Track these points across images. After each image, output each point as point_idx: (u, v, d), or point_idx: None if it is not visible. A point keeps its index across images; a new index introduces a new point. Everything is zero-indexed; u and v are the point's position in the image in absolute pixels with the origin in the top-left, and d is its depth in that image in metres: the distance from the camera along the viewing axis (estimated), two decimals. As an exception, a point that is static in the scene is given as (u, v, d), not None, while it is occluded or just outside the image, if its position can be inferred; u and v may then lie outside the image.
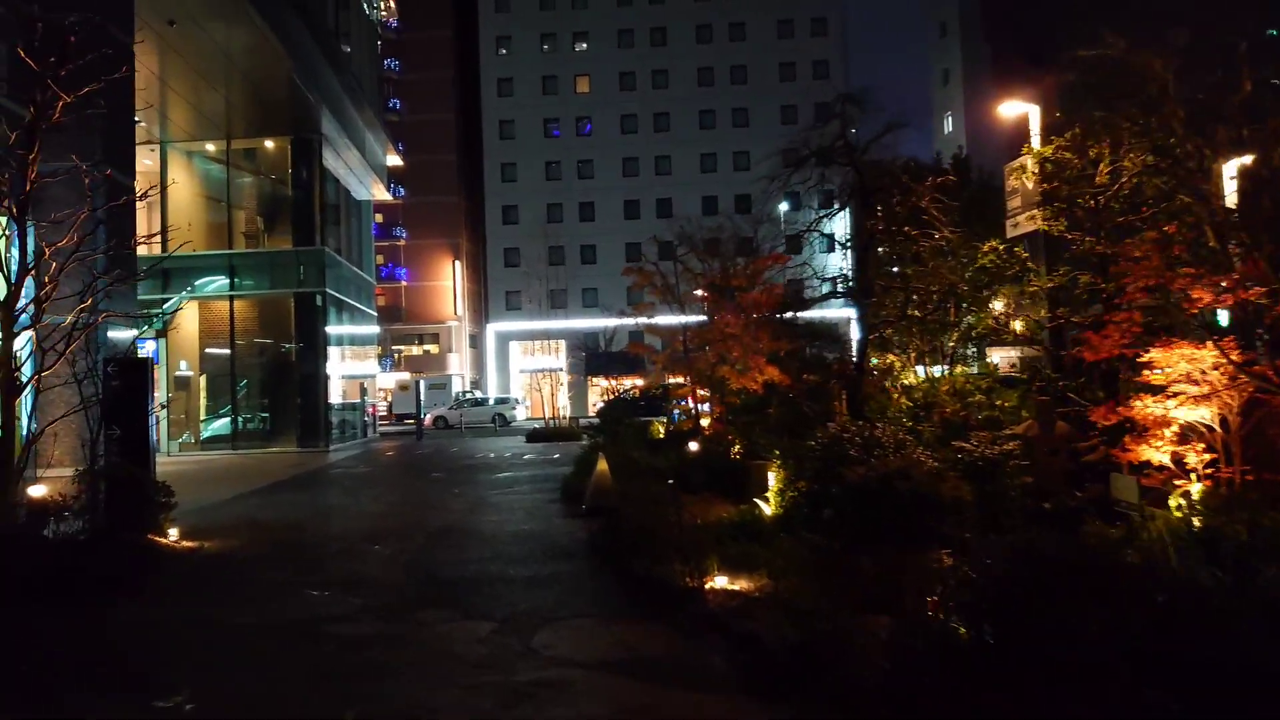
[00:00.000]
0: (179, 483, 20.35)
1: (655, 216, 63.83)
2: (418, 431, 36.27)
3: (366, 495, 15.35)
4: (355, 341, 33.62)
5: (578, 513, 12.08)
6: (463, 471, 19.44)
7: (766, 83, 64.57)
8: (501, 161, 65.64)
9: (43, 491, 8.35)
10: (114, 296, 13.77)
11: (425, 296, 65.74)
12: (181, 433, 28.61)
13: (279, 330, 29.41)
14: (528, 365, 65.10)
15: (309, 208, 28.57)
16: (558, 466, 19.73)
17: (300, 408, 28.06)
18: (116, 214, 13.97)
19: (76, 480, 9.06)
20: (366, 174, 34.14)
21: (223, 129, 27.74)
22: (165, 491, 10.08)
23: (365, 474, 19.97)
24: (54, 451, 13.74)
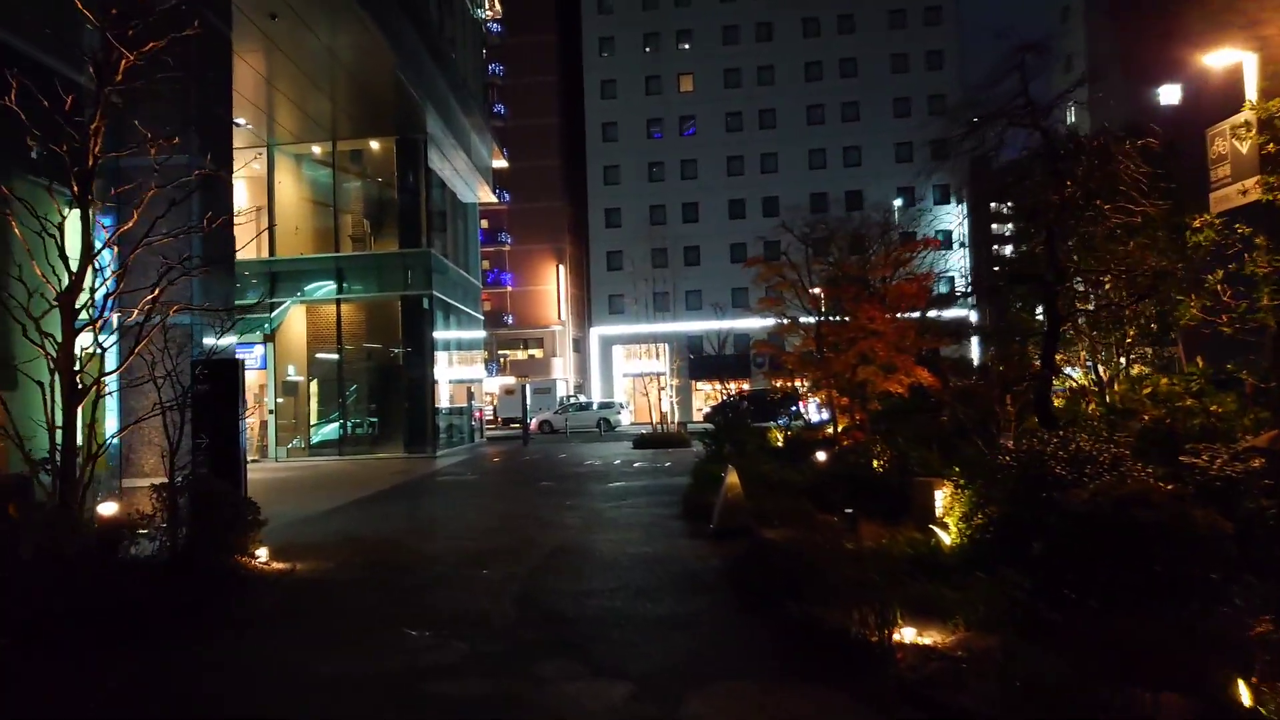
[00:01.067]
0: (282, 491, 20.00)
1: (761, 216, 62.21)
2: (524, 436, 35.51)
3: (473, 507, 14.33)
4: (462, 345, 33.04)
5: (704, 532, 10.75)
6: (572, 480, 18.33)
7: (877, 75, 62.32)
8: (604, 164, 64.99)
9: (114, 509, 7.45)
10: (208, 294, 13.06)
11: (529, 301, 65.49)
12: (290, 438, 28.38)
13: (386, 334, 28.96)
14: (631, 369, 64.24)
15: (415, 210, 28.02)
16: (671, 476, 18.46)
17: (407, 413, 27.50)
18: (211, 205, 13.27)
19: (153, 495, 8.15)
20: (472, 176, 33.55)
21: (328, 130, 27.39)
22: (253, 508, 9.12)
23: (472, 482, 19.05)
24: (147, 460, 13.11)
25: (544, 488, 17.05)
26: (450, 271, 30.72)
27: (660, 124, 64.17)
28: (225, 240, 13.81)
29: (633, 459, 23.83)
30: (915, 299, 12.24)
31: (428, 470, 22.42)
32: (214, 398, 9.76)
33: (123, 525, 7.44)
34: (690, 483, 15.35)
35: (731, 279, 61.40)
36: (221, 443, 9.82)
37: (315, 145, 28.45)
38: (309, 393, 29.27)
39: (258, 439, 28.30)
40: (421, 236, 27.86)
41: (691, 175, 63.34)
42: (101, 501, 7.85)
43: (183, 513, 8.15)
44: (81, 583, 6.37)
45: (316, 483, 20.01)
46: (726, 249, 62.08)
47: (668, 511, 12.95)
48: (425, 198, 28.08)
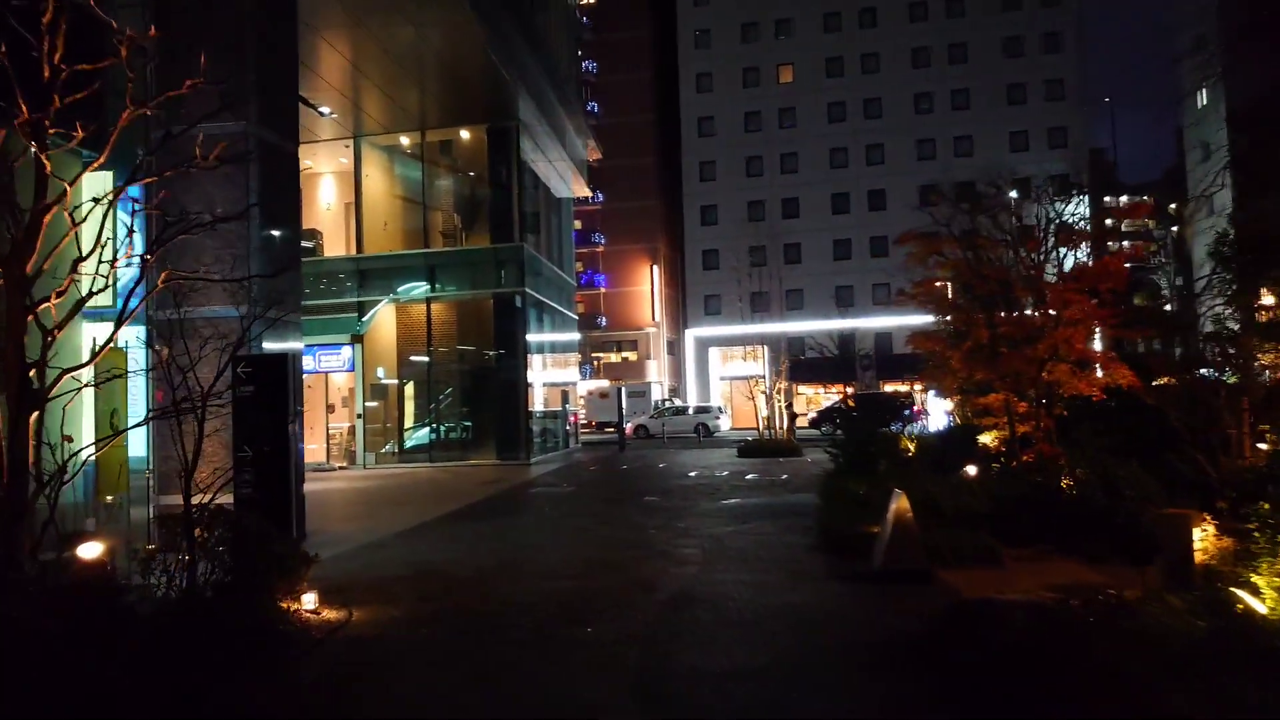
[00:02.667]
0: (361, 504, 18.26)
1: (866, 210, 59.37)
2: (620, 442, 33.65)
3: (570, 528, 12.40)
4: (556, 346, 31.35)
5: (859, 572, 8.57)
6: (679, 495, 16.29)
7: (989, 60, 58.82)
8: (700, 160, 62.95)
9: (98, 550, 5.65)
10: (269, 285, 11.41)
11: (623, 302, 63.81)
12: (380, 443, 27.03)
13: (478, 335, 27.43)
14: (728, 372, 62.00)
15: (507, 203, 26.39)
16: (792, 492, 16.26)
17: (500, 417, 25.89)
18: (273, 183, 11.63)
19: (158, 531, 6.39)
20: (566, 168, 31.83)
21: (416, 119, 25.96)
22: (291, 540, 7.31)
23: (568, 496, 17.17)
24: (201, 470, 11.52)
25: (649, 504, 15.04)
26: (544, 268, 29.03)
27: (759, 116, 61.78)
28: (289, 224, 12.17)
29: (741, 469, 21.67)
30: (1116, 279, 9.81)
31: (520, 480, 20.66)
32: (257, 401, 8.00)
33: (103, 574, 5.60)
34: (820, 503, 13.18)
35: (835, 277, 58.67)
36: (267, 454, 8.04)
37: (404, 136, 27.09)
38: (399, 396, 27.92)
39: (346, 444, 27.06)
40: (514, 231, 26.21)
41: (791, 169, 60.78)
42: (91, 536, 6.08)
43: (209, 548, 6.34)
44: (28, 650, 4.55)
45: (400, 494, 18.40)
46: (829, 245, 59.38)
47: (802, 540, 10.79)
48: (518, 190, 26.44)
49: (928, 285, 12.08)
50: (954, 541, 8.91)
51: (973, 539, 9.04)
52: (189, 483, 6.49)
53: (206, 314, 11.02)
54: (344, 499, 18.22)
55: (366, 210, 27.19)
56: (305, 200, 29.12)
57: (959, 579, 8.23)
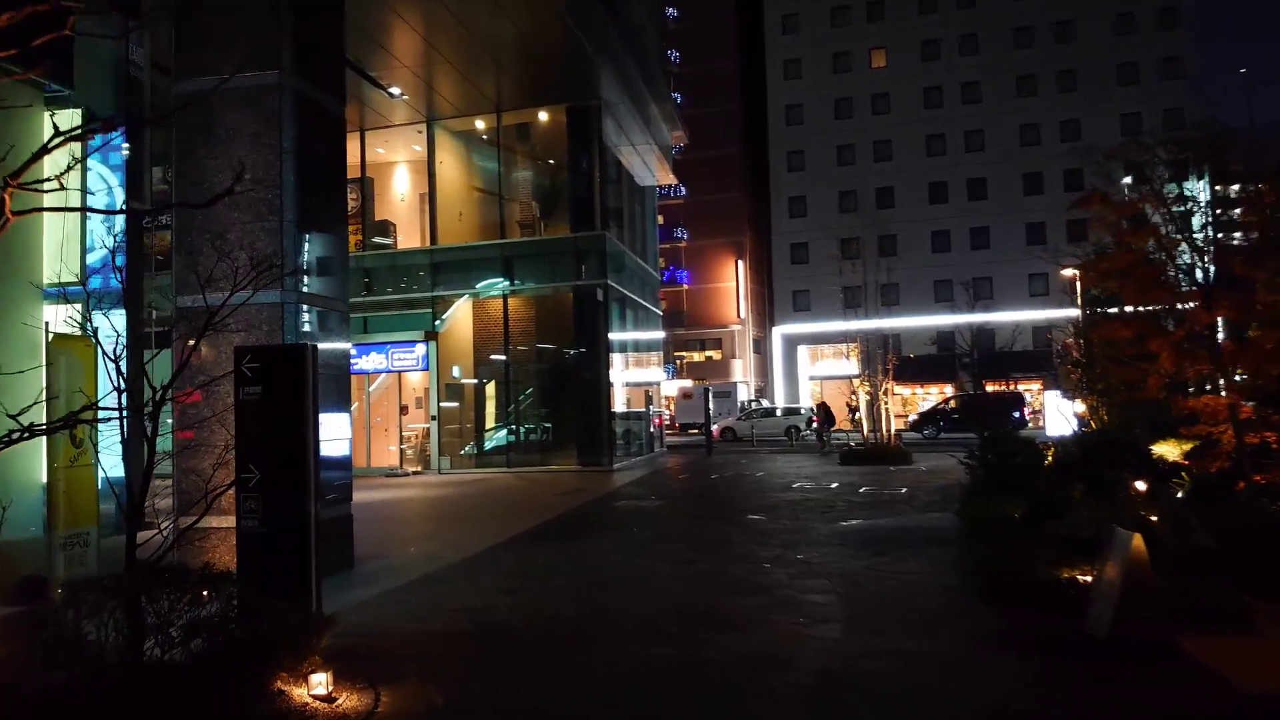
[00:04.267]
0: (426, 518, 15.56)
1: (966, 200, 56.09)
2: (707, 445, 31.51)
3: (664, 559, 10.32)
4: (639, 344, 29.34)
5: (1069, 639, 6.32)
6: (788, 513, 14.10)
7: (1098, 38, 54.97)
8: (788, 150, 60.38)
9: None
10: (312, 269, 9.59)
11: (707, 299, 61.57)
12: (456, 446, 25.39)
13: (557, 330, 25.60)
14: (817, 371, 59.35)
15: (588, 190, 24.48)
16: (921, 510, 13.94)
17: (580, 418, 23.99)
18: (313, 146, 9.79)
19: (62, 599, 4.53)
20: (650, 153, 29.81)
21: (492, 100, 24.20)
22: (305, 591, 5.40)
23: (657, 512, 15.10)
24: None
25: (754, 525, 12.89)
26: (627, 259, 27.05)
27: (850, 103, 58.94)
28: (331, 195, 10.35)
29: (851, 480, 19.33)
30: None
31: (603, 490, 18.69)
32: (266, 405, 6.11)
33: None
34: (965, 527, 10.90)
35: (933, 270, 55.51)
36: (277, 474, 6.14)
37: (478, 119, 25.37)
38: (475, 397, 26.26)
39: (421, 448, 25.49)
40: (595, 219, 24.28)
41: (885, 157, 57.80)
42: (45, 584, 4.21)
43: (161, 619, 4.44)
44: None
45: (473, 506, 16.59)
46: (926, 237, 56.25)
47: (960, 583, 8.54)
48: (599, 176, 24.50)
49: (1119, 259, 9.63)
50: (1186, 594, 6.60)
51: (1211, 590, 6.71)
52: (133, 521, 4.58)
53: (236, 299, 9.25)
54: (411, 512, 16.48)
55: (441, 200, 25.57)
56: (379, 191, 27.72)
57: (1209, 651, 5.95)
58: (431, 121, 25.31)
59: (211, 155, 9.39)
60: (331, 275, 10.15)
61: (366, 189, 26.59)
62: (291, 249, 9.28)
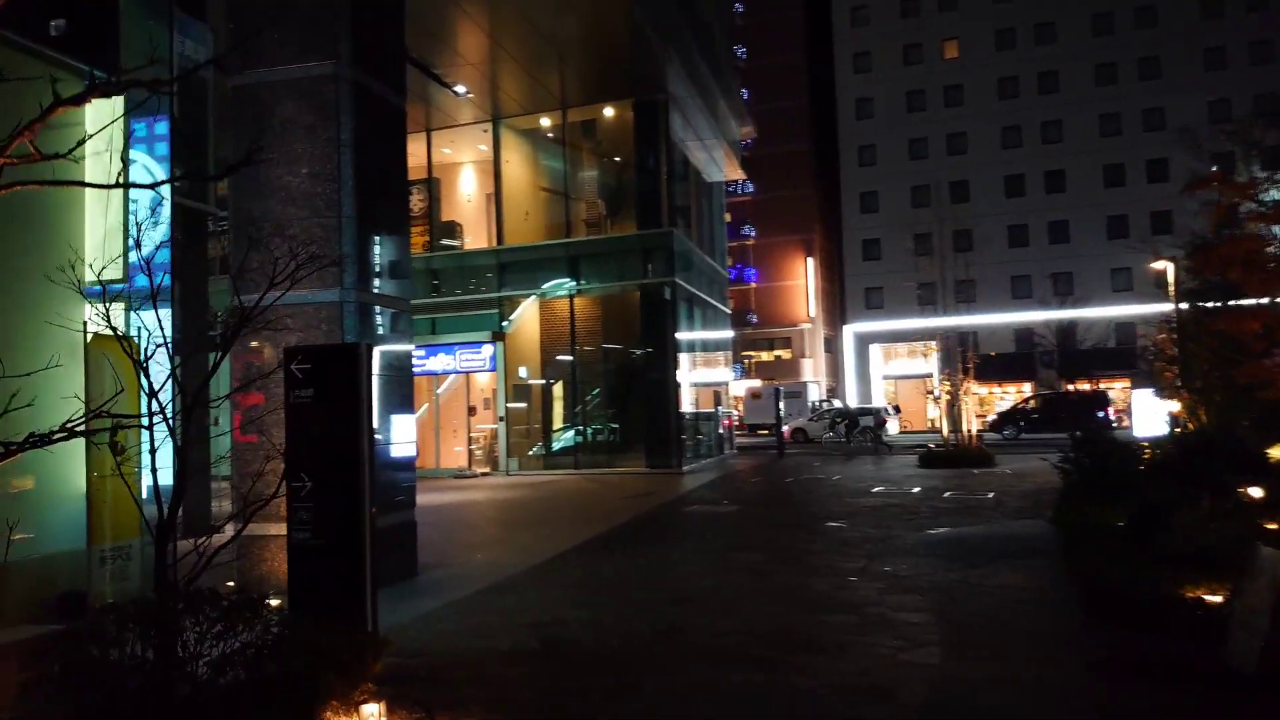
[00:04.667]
0: (493, 522, 14.95)
1: (1044, 193, 54.28)
2: (779, 447, 30.76)
3: (742, 570, 9.73)
4: (708, 343, 28.73)
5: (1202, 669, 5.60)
6: (870, 520, 13.41)
7: (1183, 22, 52.72)
8: (858, 144, 59.16)
9: None
10: (371, 266, 9.25)
11: (776, 298, 60.65)
12: (524, 447, 25.10)
13: (624, 330, 25.15)
14: (891, 370, 58.02)
15: (655, 186, 23.98)
16: (1012, 517, 13.12)
17: (648, 420, 23.49)
18: (372, 139, 9.43)
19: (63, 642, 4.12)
20: (718, 147, 29.19)
21: (557, 97, 23.84)
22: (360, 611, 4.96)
23: (731, 517, 14.51)
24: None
25: (836, 533, 12.23)
26: (694, 256, 26.48)
27: (922, 95, 57.48)
28: (392, 189, 9.98)
29: (933, 484, 18.50)
30: None
31: (673, 493, 18.16)
32: (318, 408, 5.71)
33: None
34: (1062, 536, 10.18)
35: (1010, 265, 53.88)
36: (329, 481, 5.74)
37: (544, 117, 25.05)
38: (542, 397, 25.95)
39: (489, 449, 25.26)
40: (663, 215, 23.76)
41: (959, 150, 56.24)
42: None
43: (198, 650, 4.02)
44: None
45: (541, 509, 16.20)
46: (1003, 232, 54.60)
47: (1065, 598, 7.81)
48: (667, 172, 23.98)
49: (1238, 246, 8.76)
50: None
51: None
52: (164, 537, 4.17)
53: (295, 299, 8.93)
54: (478, 515, 16.14)
55: (507, 200, 25.32)
56: (445, 192, 27.60)
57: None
58: (497, 120, 25.06)
59: (268, 151, 9.07)
60: (393, 273, 9.78)
61: (433, 189, 26.46)
62: (350, 246, 8.92)
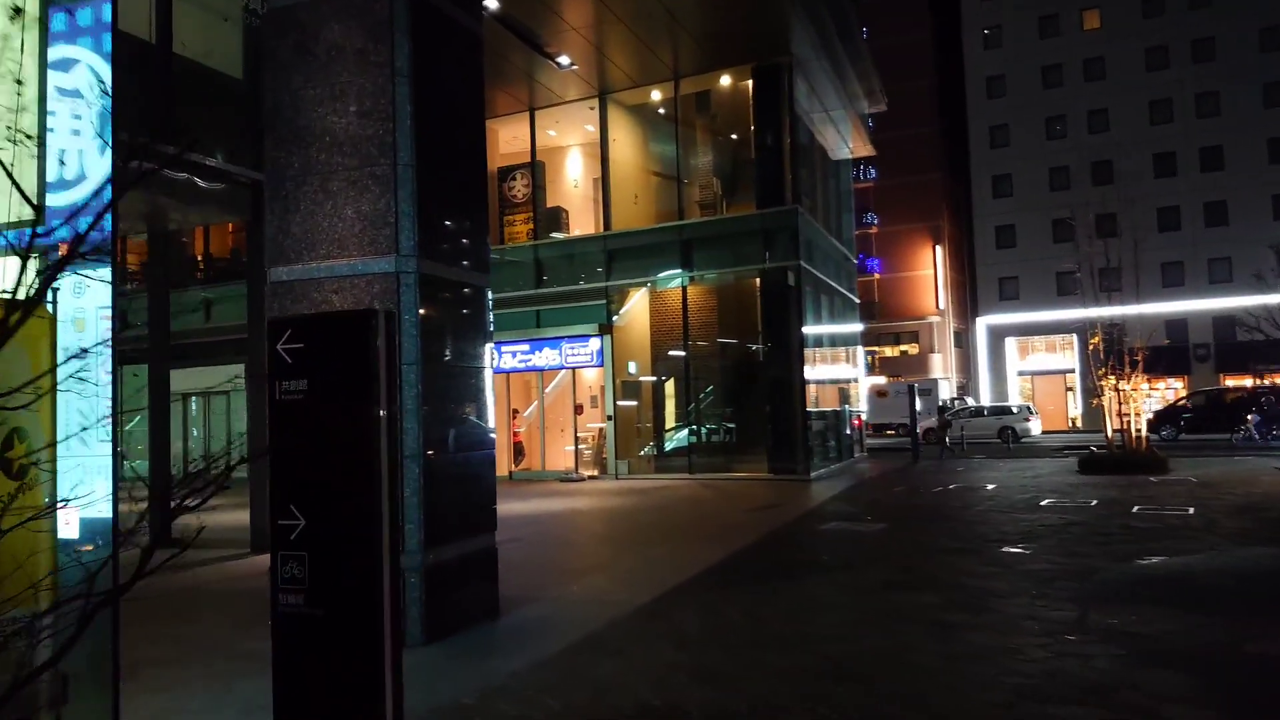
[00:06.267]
0: (600, 539, 12.82)
1: (1198, 172, 49.43)
2: (914, 450, 28.01)
3: (912, 621, 7.42)
4: (835, 336, 26.24)
5: None
6: (1051, 541, 10.92)
7: (1361, -21, 47.29)
8: (989, 124, 55.32)
9: None
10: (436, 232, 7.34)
11: (900, 289, 57.23)
12: (634, 448, 23.16)
13: (742, 321, 22.98)
14: (1027, 365, 54.06)
15: (776, 161, 21.67)
16: (1239, 542, 10.39)
17: (771, 420, 21.21)
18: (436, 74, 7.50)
19: None
20: (845, 121, 26.67)
21: (669, 65, 21.77)
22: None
23: (879, 539, 12.15)
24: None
25: (1016, 563, 9.79)
26: (820, 239, 24.03)
27: (1060, 70, 53.28)
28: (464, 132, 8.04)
29: (1108, 494, 15.71)
30: None
31: (803, 505, 15.89)
32: (319, 409, 3.76)
33: None
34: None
35: (1161, 251, 49.28)
36: (335, 528, 3.78)
37: (655, 89, 23.04)
38: (653, 395, 23.96)
39: (597, 449, 23.41)
40: (786, 193, 21.43)
41: (1102, 128, 51.84)
42: None
43: None
44: None
45: (648, 523, 14.15)
46: (1152, 214, 49.97)
47: None
48: (789, 143, 21.64)
49: None
50: None
51: None
52: None
53: (341, 270, 7.09)
54: (582, 529, 14.21)
55: (614, 182, 23.38)
56: (550, 176, 25.84)
57: None
58: (604, 95, 23.16)
59: (310, 84, 7.26)
60: (465, 238, 7.85)
61: (537, 174, 24.78)
62: (409, 201, 7.02)
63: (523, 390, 24.45)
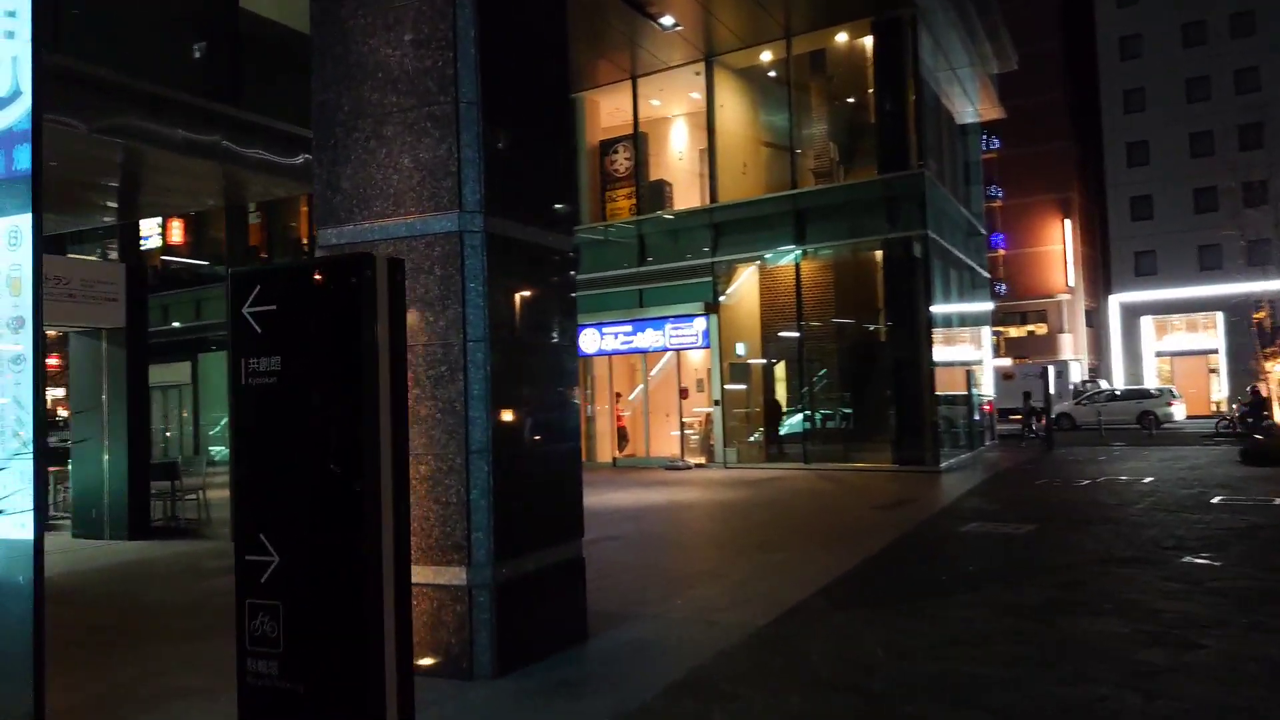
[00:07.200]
0: (708, 540, 11.25)
1: (1363, 131, 44.97)
2: (1047, 438, 25.81)
3: (1101, 659, 5.92)
4: (965, 316, 24.25)
5: None
6: (1240, 548, 9.18)
7: None
8: (1124, 89, 51.62)
9: None
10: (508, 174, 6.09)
11: (1027, 265, 53.93)
12: (744, 434, 21.78)
13: (861, 298, 21.32)
14: (1165, 346, 50.42)
15: (899, 122, 19.89)
16: None
17: (894, 405, 19.56)
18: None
19: None
20: (972, 80, 24.58)
21: (780, 22, 20.21)
22: None
23: (1032, 544, 10.51)
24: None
25: (1207, 577, 8.09)
26: (950, 207, 22.11)
27: (1202, 26, 49.18)
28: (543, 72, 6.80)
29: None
30: None
31: (936, 501, 14.28)
32: (296, 399, 2.53)
33: None
34: None
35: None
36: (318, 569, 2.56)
37: (764, 50, 21.48)
38: (764, 378, 22.52)
39: (705, 436, 22.12)
40: (910, 156, 19.64)
41: (1251, 87, 47.59)
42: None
43: None
44: None
45: (761, 521, 12.77)
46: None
47: None
48: (914, 101, 19.82)
49: None
50: None
51: None
52: None
53: (398, 231, 5.96)
54: (687, 526, 12.95)
55: (721, 151, 21.93)
56: (653, 149, 24.56)
57: None
58: (710, 59, 21.71)
59: (360, 10, 6.13)
60: (544, 193, 6.62)
61: (640, 146, 23.54)
62: (474, 148, 5.82)
63: (626, 373, 23.33)
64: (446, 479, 5.73)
